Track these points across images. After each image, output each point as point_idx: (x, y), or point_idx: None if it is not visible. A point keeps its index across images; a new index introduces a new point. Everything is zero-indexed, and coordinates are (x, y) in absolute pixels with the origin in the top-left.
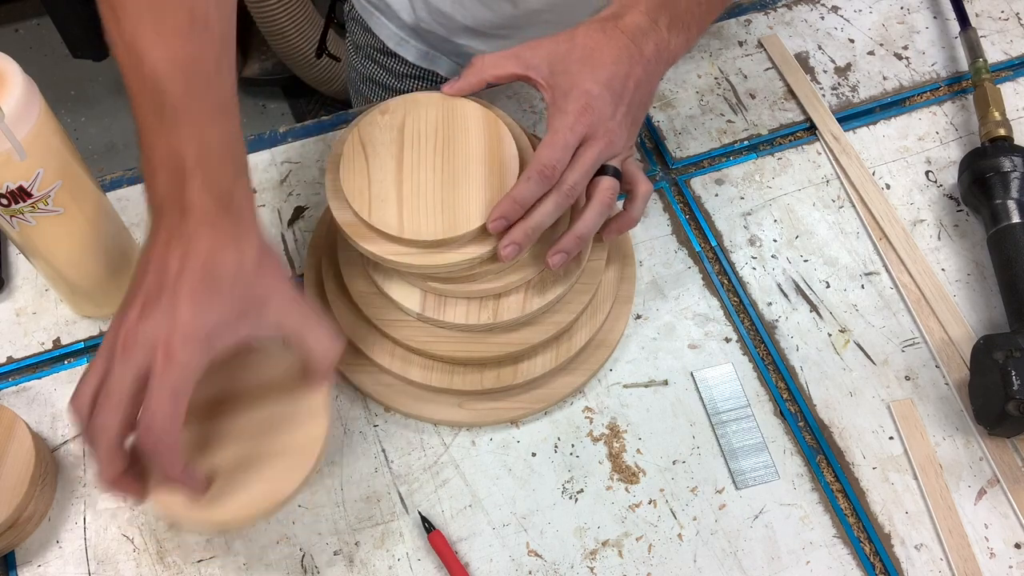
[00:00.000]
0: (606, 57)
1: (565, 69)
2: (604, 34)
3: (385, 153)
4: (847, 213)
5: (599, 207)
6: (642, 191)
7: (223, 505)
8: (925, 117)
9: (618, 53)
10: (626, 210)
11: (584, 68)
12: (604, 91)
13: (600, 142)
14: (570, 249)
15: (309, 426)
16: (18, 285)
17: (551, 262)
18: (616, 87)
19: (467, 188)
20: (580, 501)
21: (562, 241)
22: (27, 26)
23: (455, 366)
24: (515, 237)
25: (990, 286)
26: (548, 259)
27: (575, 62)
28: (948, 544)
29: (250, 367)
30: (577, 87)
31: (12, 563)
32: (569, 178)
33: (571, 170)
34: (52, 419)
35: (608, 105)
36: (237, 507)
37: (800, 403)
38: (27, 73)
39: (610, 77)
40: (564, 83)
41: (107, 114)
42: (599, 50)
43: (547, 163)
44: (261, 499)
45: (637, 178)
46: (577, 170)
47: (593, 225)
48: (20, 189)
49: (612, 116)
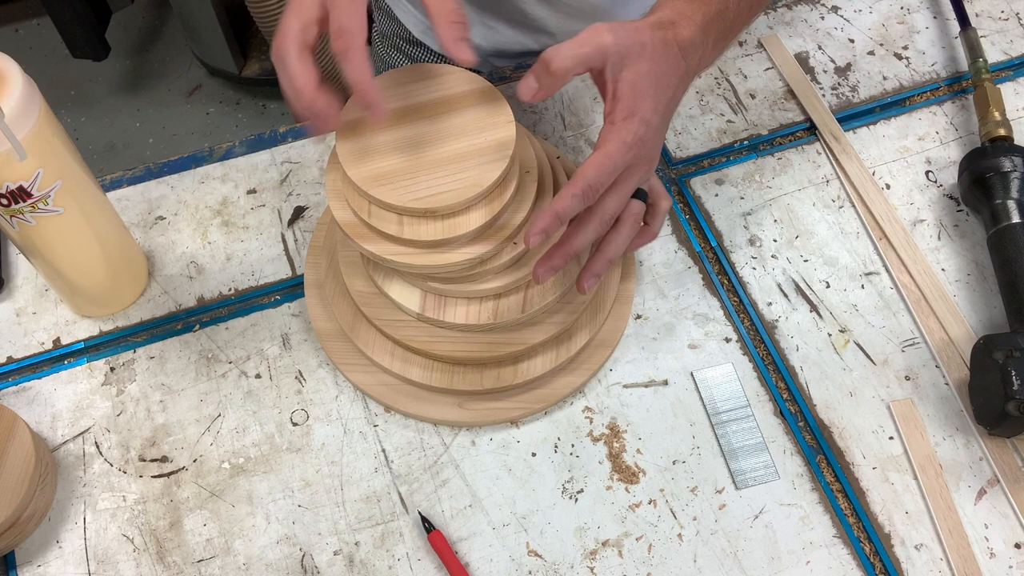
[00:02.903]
0: (668, 78)
1: (633, 80)
2: (666, 48)
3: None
4: (847, 213)
5: (629, 231)
6: (663, 207)
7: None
8: (925, 117)
9: (675, 75)
10: (647, 224)
11: (649, 89)
12: (660, 121)
13: (643, 169)
14: (601, 272)
15: (499, 130)
16: (18, 285)
17: (585, 286)
18: (668, 115)
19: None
20: (580, 501)
21: (594, 265)
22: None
23: (455, 366)
24: (556, 263)
25: (990, 286)
26: (582, 283)
27: (643, 76)
28: (948, 544)
29: (430, 88)
30: (639, 112)
31: (12, 563)
32: (611, 206)
33: (613, 196)
34: (52, 419)
35: (658, 135)
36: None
37: (800, 403)
38: (27, 73)
39: (667, 105)
40: (628, 99)
41: (107, 114)
42: (664, 69)
43: (595, 184)
44: (463, 188)
45: (659, 193)
46: (619, 197)
47: (622, 248)
48: (20, 189)
49: (657, 145)
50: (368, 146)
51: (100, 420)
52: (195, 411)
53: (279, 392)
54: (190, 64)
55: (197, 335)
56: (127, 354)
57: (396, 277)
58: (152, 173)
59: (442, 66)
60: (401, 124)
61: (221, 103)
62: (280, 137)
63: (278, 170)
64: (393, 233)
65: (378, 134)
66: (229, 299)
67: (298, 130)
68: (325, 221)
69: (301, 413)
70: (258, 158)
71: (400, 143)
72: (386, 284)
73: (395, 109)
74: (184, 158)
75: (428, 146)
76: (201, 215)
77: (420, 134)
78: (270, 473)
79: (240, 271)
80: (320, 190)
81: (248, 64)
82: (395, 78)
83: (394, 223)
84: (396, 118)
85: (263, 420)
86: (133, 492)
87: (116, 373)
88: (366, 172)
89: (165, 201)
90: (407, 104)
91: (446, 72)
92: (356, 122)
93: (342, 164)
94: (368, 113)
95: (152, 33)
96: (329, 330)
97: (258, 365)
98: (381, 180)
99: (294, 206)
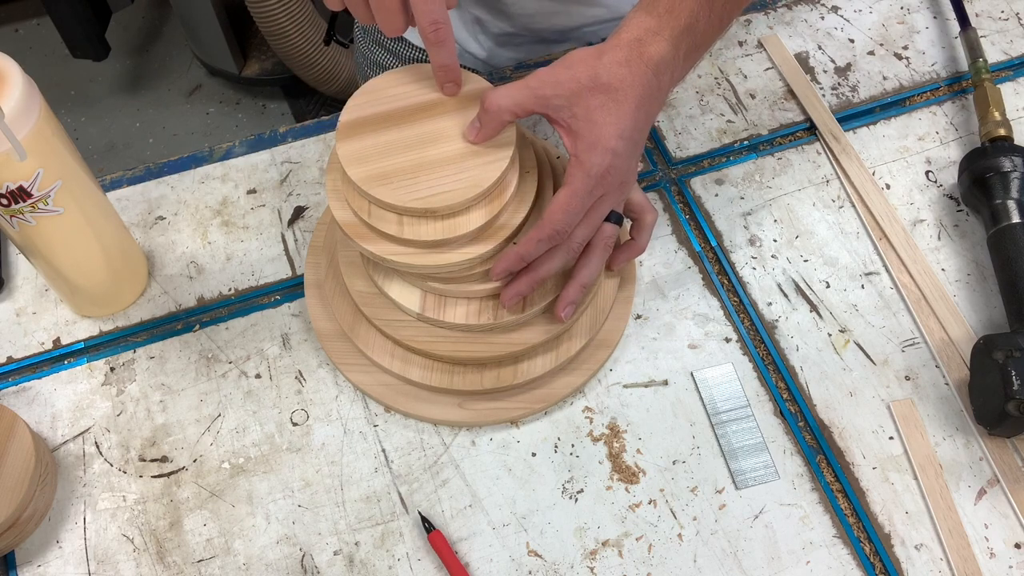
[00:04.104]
0: (630, 103)
1: (588, 116)
2: (628, 68)
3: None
4: (847, 213)
5: (601, 254)
6: (648, 220)
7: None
8: (925, 117)
9: (641, 94)
10: (633, 239)
11: (608, 117)
12: (626, 146)
13: (613, 197)
14: (576, 299)
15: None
16: (18, 285)
17: (562, 315)
18: (636, 137)
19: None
20: (580, 501)
21: (568, 293)
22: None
23: (455, 366)
24: (520, 289)
25: (990, 286)
26: (559, 312)
27: (598, 108)
28: (948, 544)
29: (430, 88)
30: (601, 144)
31: (12, 563)
32: (578, 236)
33: (583, 227)
34: (52, 419)
35: (627, 159)
36: (441, 194)
37: (800, 403)
38: (27, 73)
39: (632, 127)
40: (587, 133)
41: (107, 114)
42: (623, 93)
43: (559, 228)
44: (463, 188)
45: (644, 207)
46: (588, 227)
47: (596, 272)
48: (20, 189)
49: (628, 169)
50: (368, 146)
51: (100, 420)
52: (195, 411)
53: (279, 392)
54: (190, 64)
55: (197, 335)
56: (127, 354)
57: (396, 277)
58: (152, 173)
59: None
60: (401, 124)
61: (221, 103)
62: (280, 137)
63: (278, 170)
64: (393, 233)
65: (378, 134)
66: (229, 299)
67: (298, 130)
68: (325, 221)
69: (301, 413)
70: (258, 158)
71: (400, 143)
72: (386, 284)
73: (395, 109)
74: (184, 158)
75: (428, 146)
76: (201, 215)
77: (420, 134)
78: (270, 473)
79: (240, 271)
80: (320, 190)
81: (248, 64)
82: (395, 78)
83: (394, 223)
84: (396, 118)
85: (263, 420)
86: (133, 492)
87: (116, 373)
88: (366, 172)
89: (165, 201)
90: (407, 104)
91: None
92: (356, 122)
93: (342, 164)
94: (446, 90)
95: (152, 33)
96: (329, 330)
97: (258, 365)
98: (381, 180)
99: (294, 206)
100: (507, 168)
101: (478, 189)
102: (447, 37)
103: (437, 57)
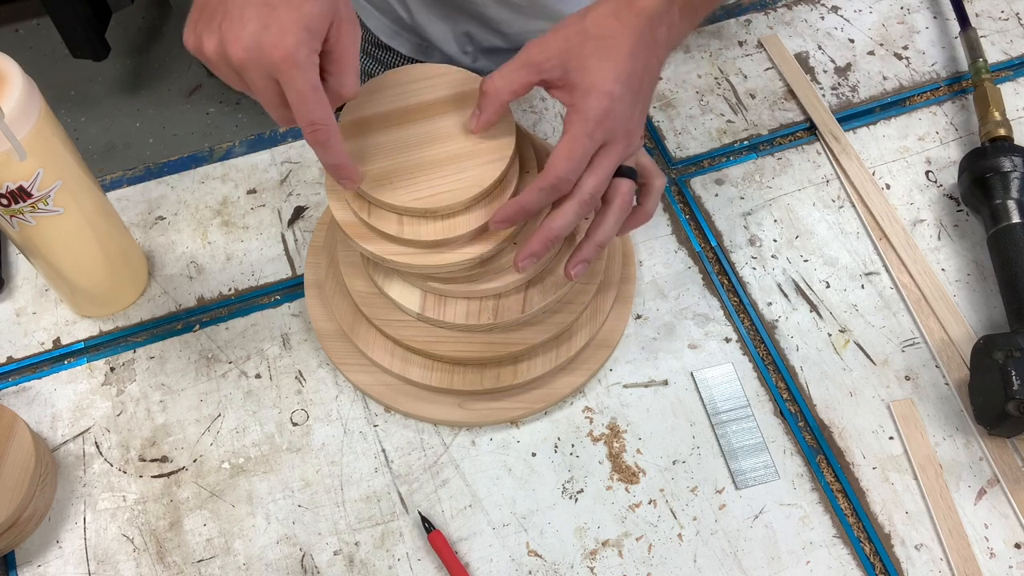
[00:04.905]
0: (623, 49)
1: (581, 65)
2: (618, 20)
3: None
4: (847, 213)
5: (618, 212)
6: (657, 185)
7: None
8: (925, 117)
9: (634, 43)
10: (640, 204)
11: (602, 63)
12: (624, 91)
13: (619, 145)
14: (591, 258)
15: (499, 130)
16: (18, 285)
17: (572, 273)
18: (635, 84)
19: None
20: (580, 501)
21: (583, 251)
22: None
23: (455, 366)
24: (534, 249)
25: (990, 286)
26: (569, 271)
27: (590, 55)
28: (948, 544)
29: (430, 88)
30: (597, 87)
31: (12, 563)
32: (588, 185)
33: (590, 176)
34: (52, 419)
35: (628, 106)
36: (439, 194)
37: (800, 403)
38: (27, 73)
39: (629, 73)
40: (582, 81)
41: (107, 114)
42: (615, 40)
43: (562, 175)
44: (463, 188)
45: (651, 171)
46: (596, 177)
47: (612, 231)
48: (20, 189)
49: (631, 116)
50: (368, 146)
51: (100, 420)
52: (195, 411)
53: (279, 392)
54: (190, 64)
55: (197, 335)
56: (127, 354)
57: (396, 277)
58: (152, 173)
59: (442, 66)
60: (401, 124)
61: (221, 103)
62: (280, 137)
63: (278, 170)
64: (393, 233)
65: (378, 134)
66: (229, 299)
67: (298, 130)
68: (325, 221)
69: (301, 413)
70: (258, 158)
71: (400, 143)
72: (386, 284)
73: (395, 109)
74: (184, 158)
75: (428, 146)
76: (201, 215)
77: (420, 134)
78: (270, 473)
79: (240, 271)
80: (320, 190)
81: None
82: (395, 78)
83: (394, 223)
84: (396, 118)
85: (263, 420)
86: (133, 492)
87: (116, 373)
88: (366, 172)
89: (165, 201)
90: (407, 104)
91: (446, 72)
92: (356, 122)
93: None
94: (345, 185)
95: (152, 33)
96: (329, 330)
97: (258, 365)
98: (381, 180)
99: (294, 206)
100: (507, 168)
101: (478, 189)
102: (328, 138)
103: (322, 157)
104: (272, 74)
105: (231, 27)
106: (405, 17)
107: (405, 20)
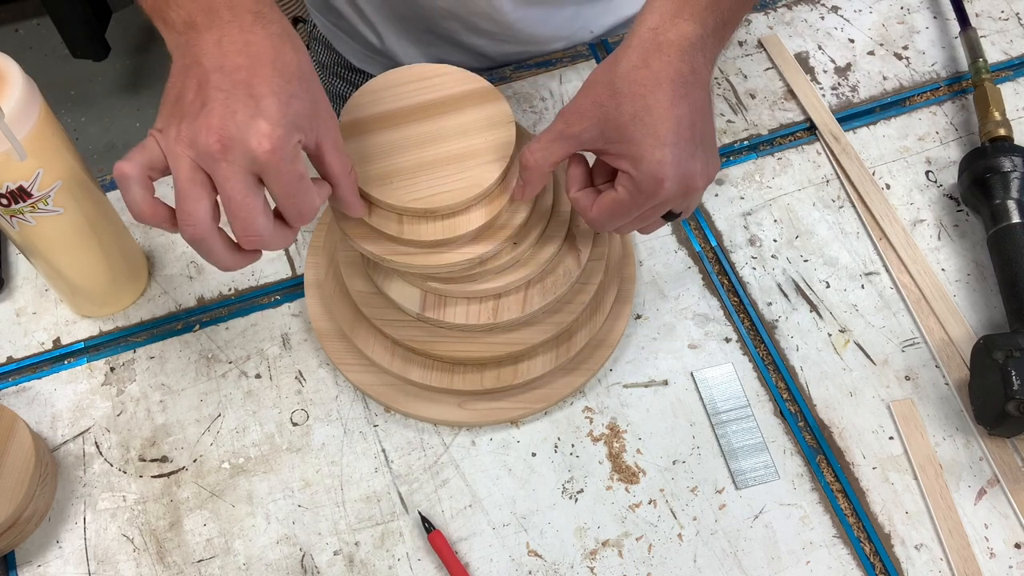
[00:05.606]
0: (662, 103)
1: (621, 136)
2: (649, 70)
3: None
4: (847, 213)
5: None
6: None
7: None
8: (925, 117)
9: (672, 91)
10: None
11: (644, 129)
12: (674, 150)
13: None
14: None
15: (499, 130)
16: (18, 285)
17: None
18: (685, 133)
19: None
20: (580, 501)
21: (580, 205)
22: (27, 26)
23: (455, 366)
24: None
25: (990, 286)
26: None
27: (629, 123)
28: (948, 544)
29: (430, 88)
30: (646, 158)
31: (12, 563)
32: (623, 230)
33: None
34: (52, 419)
35: (685, 159)
36: (440, 195)
37: (800, 403)
38: (27, 73)
39: (676, 126)
40: (628, 152)
41: (107, 114)
42: (651, 95)
43: (597, 226)
44: (463, 188)
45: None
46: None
47: (612, 226)
48: (20, 189)
49: (690, 169)
50: (368, 146)
51: (100, 420)
52: (195, 411)
53: (279, 392)
54: None
55: (197, 335)
56: (127, 354)
57: (396, 277)
58: None
59: (441, 66)
60: (401, 124)
61: None
62: None
63: None
64: (393, 233)
65: (378, 134)
66: (229, 299)
67: None
68: (325, 221)
69: (301, 413)
70: None
71: (400, 143)
72: (386, 284)
73: (395, 109)
74: None
75: (428, 146)
76: None
77: (420, 134)
78: (270, 473)
79: (240, 271)
80: None
81: None
82: (395, 78)
83: (394, 223)
84: (396, 118)
85: (263, 420)
86: (133, 492)
87: (116, 373)
88: (366, 172)
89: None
90: (407, 104)
91: (446, 72)
92: (356, 122)
93: None
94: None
95: (152, 33)
96: (329, 330)
97: (258, 365)
98: (381, 180)
99: None
100: (507, 168)
101: (478, 189)
102: (204, 238)
103: (204, 256)
104: (253, 167)
105: (210, 118)
106: (376, 43)
107: (376, 45)
